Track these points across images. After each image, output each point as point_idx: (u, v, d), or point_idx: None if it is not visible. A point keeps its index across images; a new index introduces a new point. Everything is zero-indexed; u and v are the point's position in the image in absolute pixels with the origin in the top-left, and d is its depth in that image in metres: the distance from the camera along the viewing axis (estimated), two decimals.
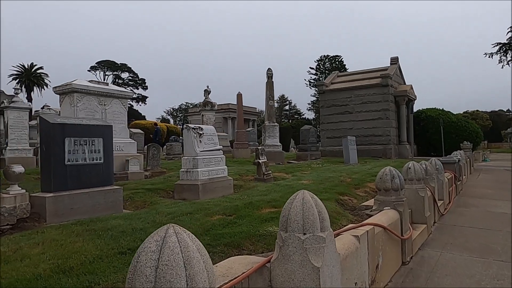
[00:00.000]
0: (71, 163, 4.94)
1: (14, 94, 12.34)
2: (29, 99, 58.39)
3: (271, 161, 15.10)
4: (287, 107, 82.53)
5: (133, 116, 70.98)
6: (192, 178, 6.44)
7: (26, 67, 57.96)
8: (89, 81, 9.02)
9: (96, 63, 66.72)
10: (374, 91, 20.05)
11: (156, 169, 10.50)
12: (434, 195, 7.43)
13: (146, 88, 71.23)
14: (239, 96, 19.83)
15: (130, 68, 69.07)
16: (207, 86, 12.68)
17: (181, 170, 6.64)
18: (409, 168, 6.90)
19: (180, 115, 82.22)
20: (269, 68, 15.96)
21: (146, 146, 10.56)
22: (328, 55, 71.05)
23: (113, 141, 9.23)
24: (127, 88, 70.07)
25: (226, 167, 7.19)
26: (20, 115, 12.04)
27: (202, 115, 12.42)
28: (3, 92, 13.43)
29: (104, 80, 67.15)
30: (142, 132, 16.36)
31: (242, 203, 5.48)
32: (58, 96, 8.78)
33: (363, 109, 20.31)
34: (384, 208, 5.35)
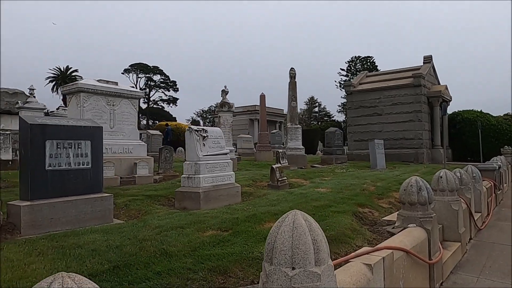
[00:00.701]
0: (53, 168, 4.46)
1: (29, 94, 12.31)
2: (64, 100, 60.49)
3: (292, 165, 14.38)
4: (316, 109, 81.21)
5: (165, 117, 71.90)
6: (193, 185, 5.85)
7: (62, 70, 60.01)
8: (97, 80, 8.66)
9: (129, 66, 68.24)
10: (405, 91, 18.89)
11: (169, 172, 10.03)
12: (470, 207, 6.51)
13: (177, 90, 72.42)
14: (262, 97, 19.21)
15: (162, 70, 70.40)
16: (225, 86, 12.15)
17: (183, 176, 6.07)
18: (441, 177, 6.05)
19: (209, 116, 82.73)
20: (292, 68, 15.24)
21: (159, 148, 10.12)
22: (359, 56, 69.32)
23: (122, 143, 8.89)
24: (159, 90, 71.38)
25: (233, 173, 6.57)
26: (34, 116, 11.86)
27: (219, 117, 11.87)
28: (23, 92, 13.40)
29: (136, 83, 68.54)
30: (160, 133, 16.08)
31: (244, 216, 4.84)
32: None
33: (394, 111, 19.19)
34: (409, 225, 4.57)
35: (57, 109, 14.22)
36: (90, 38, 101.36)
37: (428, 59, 20.37)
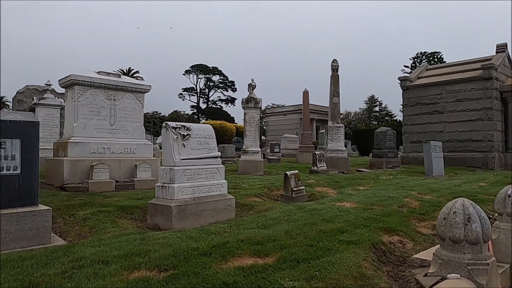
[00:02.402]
0: None
1: (45, 90, 11.99)
2: None
3: (332, 169, 12.71)
4: (376, 108, 77.29)
5: (223, 117, 72.35)
6: (167, 197, 4.62)
7: (125, 71, 62.69)
8: (97, 72, 7.78)
9: (190, 67, 70.17)
10: (472, 85, 16.23)
11: None
12: None
13: (235, 90, 73.54)
14: (305, 93, 17.65)
15: (221, 71, 71.77)
16: (252, 80, 10.81)
17: (157, 184, 4.86)
18: (509, 196, 4.25)
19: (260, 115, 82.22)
20: (334, 59, 13.47)
21: None
22: (425, 52, 64.53)
23: (124, 142, 7.91)
24: (218, 90, 72.24)
25: (224, 181, 5.22)
26: (50, 113, 11.56)
27: (245, 114, 10.58)
28: (54, 90, 13.15)
29: (196, 83, 69.79)
30: None
31: (209, 245, 3.50)
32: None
33: (457, 108, 16.59)
34: (449, 275, 2.99)
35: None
36: (152, 39, 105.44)
37: (502, 48, 17.41)
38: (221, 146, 15.29)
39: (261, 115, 61.35)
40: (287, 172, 6.33)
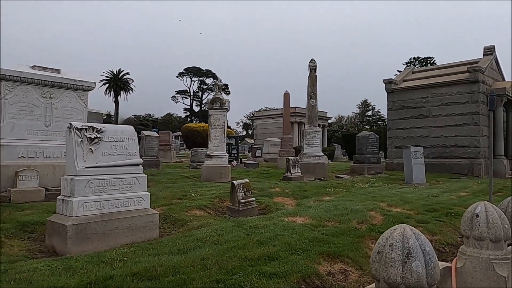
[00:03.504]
0: None
1: None
2: (116, 102, 62.07)
3: (308, 175, 11.93)
4: (369, 113, 77.14)
5: None
6: (65, 213, 3.80)
7: (115, 72, 61.77)
8: (31, 66, 6.95)
9: (183, 70, 69.85)
10: (458, 89, 15.56)
11: None
12: None
13: (229, 93, 73.36)
14: (286, 95, 16.90)
15: (215, 74, 71.55)
16: (218, 79, 9.96)
17: (58, 198, 4.03)
18: (477, 216, 3.50)
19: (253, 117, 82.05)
20: (312, 59, 12.70)
21: None
22: (418, 57, 64.51)
23: (62, 145, 7.08)
24: (211, 93, 71.74)
25: (146, 193, 4.40)
26: None
27: (210, 115, 9.75)
28: None
29: (189, 86, 69.16)
30: (156, 135, 14.28)
31: (84, 280, 2.69)
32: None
33: (443, 112, 15.90)
34: None
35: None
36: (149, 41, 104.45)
37: (489, 51, 16.78)
38: (194, 150, 14.47)
39: (251, 118, 60.90)
40: (234, 181, 5.51)
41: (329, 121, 55.39)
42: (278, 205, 6.30)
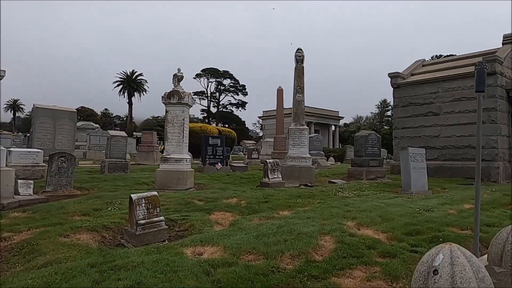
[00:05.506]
0: None
1: None
2: (130, 103, 61.81)
3: (293, 180, 10.42)
4: (389, 113, 74.64)
5: (234, 121, 70.64)
6: None
7: (128, 74, 61.60)
8: None
9: (201, 71, 69.60)
10: (472, 82, 13.61)
11: (64, 190, 6.85)
12: None
13: (246, 94, 72.94)
14: (279, 92, 15.39)
15: (232, 75, 71.25)
16: (178, 69, 8.52)
17: None
18: (434, 273, 1.97)
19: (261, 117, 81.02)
20: (298, 49, 11.13)
21: (49, 155, 6.97)
22: (441, 55, 61.80)
23: None
24: (228, 94, 70.75)
25: None
26: None
27: (167, 111, 8.31)
28: None
29: (207, 87, 68.15)
30: (124, 135, 12.98)
31: None
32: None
33: (455, 109, 14.08)
34: None
35: None
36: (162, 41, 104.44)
37: (509, 39, 14.84)
38: None
39: (261, 118, 59.45)
40: (132, 195, 4.10)
41: (342, 121, 53.24)
42: (207, 224, 4.86)
